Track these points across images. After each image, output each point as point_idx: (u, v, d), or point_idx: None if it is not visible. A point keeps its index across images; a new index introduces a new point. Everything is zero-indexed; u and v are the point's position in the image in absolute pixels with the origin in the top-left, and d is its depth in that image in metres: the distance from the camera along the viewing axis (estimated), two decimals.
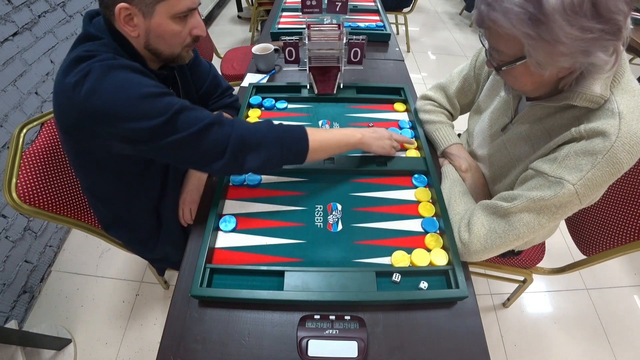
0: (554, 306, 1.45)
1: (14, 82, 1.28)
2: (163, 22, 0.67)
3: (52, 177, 0.86)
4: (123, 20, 0.64)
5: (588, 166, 0.56)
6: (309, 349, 0.57)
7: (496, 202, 0.67)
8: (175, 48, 0.73)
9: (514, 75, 0.62)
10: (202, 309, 0.65)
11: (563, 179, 0.58)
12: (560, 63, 0.53)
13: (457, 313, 0.65)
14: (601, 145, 0.55)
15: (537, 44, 0.51)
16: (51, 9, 1.45)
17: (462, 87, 0.97)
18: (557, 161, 0.60)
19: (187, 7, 0.68)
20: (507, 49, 0.57)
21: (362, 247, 0.73)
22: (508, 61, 0.59)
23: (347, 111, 1.08)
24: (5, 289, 1.28)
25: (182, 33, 0.71)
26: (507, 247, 0.67)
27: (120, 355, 1.27)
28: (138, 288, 1.46)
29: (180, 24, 0.69)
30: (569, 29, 0.48)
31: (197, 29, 0.73)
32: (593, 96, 0.57)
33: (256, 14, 2.92)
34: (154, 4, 0.64)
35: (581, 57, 0.52)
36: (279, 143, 0.70)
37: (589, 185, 0.57)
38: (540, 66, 0.55)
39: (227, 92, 1.04)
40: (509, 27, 0.51)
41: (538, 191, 0.61)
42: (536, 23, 0.49)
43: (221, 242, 0.74)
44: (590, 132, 0.57)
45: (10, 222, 1.29)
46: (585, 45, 0.50)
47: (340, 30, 1.04)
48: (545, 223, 0.63)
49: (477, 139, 0.89)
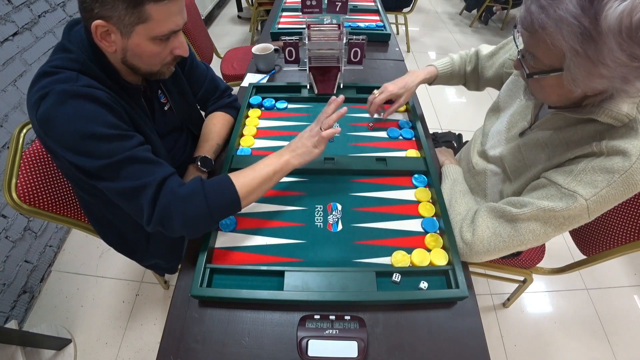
0: (554, 306, 1.45)
1: (14, 82, 1.28)
2: (142, 43, 0.63)
3: (52, 177, 0.86)
4: (99, 36, 0.61)
5: (604, 184, 0.56)
6: (309, 349, 0.57)
7: (504, 207, 0.67)
8: (154, 66, 0.69)
9: (542, 85, 0.60)
10: (202, 309, 0.65)
11: (577, 193, 0.58)
12: (596, 84, 0.52)
13: (457, 313, 0.65)
14: (620, 164, 0.55)
15: (580, 61, 0.49)
16: (51, 9, 1.45)
17: (494, 52, 0.99)
18: (573, 174, 0.59)
19: (170, 30, 0.64)
20: (545, 58, 0.55)
21: (362, 247, 0.73)
22: (542, 70, 0.56)
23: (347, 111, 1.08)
24: (5, 289, 1.28)
25: (161, 53, 0.67)
26: (509, 252, 0.67)
27: (120, 355, 1.27)
28: (138, 288, 1.46)
29: (161, 45, 0.65)
30: (618, 53, 0.46)
31: (179, 50, 0.69)
32: (619, 114, 0.56)
33: (256, 14, 2.92)
34: (133, 25, 0.60)
35: (618, 83, 0.50)
36: (205, 206, 0.64)
37: (601, 202, 0.57)
38: (574, 83, 0.53)
39: (225, 93, 1.04)
40: (557, 38, 0.49)
41: (549, 201, 0.61)
42: (587, 39, 0.47)
43: (221, 242, 0.74)
44: (611, 149, 0.56)
45: (10, 222, 1.29)
46: (627, 73, 0.48)
47: (340, 30, 1.04)
48: (551, 233, 0.63)
49: (492, 139, 0.87)
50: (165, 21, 0.62)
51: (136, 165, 0.62)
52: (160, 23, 0.61)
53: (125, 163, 0.61)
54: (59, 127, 0.59)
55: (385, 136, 1.00)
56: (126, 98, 0.71)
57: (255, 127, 1.01)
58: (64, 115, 0.59)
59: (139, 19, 0.60)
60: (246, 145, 0.95)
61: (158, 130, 0.82)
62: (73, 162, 0.61)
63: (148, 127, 0.75)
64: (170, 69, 0.73)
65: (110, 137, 0.61)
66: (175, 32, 0.65)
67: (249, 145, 0.95)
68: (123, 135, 0.63)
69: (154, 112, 0.82)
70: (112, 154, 0.60)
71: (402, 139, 0.99)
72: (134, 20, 0.60)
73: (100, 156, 0.60)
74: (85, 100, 0.60)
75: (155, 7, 0.59)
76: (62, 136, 0.59)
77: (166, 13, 0.61)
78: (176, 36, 0.67)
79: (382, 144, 0.98)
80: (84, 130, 0.59)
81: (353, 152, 0.95)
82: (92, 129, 0.59)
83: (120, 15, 0.58)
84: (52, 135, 0.60)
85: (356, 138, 0.99)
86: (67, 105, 0.59)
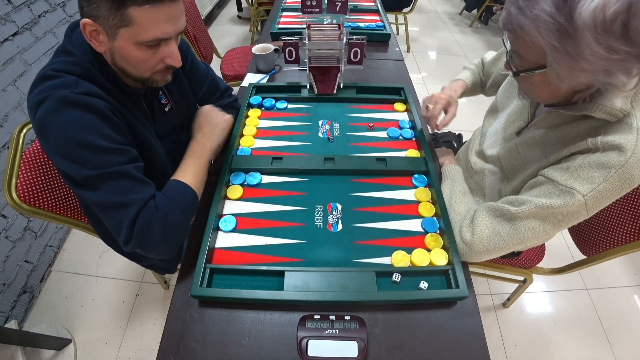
0: (554, 306, 1.45)
1: (14, 82, 1.28)
2: (126, 47, 0.61)
3: (52, 177, 0.86)
4: (89, 35, 0.60)
5: (600, 179, 0.56)
6: (309, 349, 0.57)
7: (503, 206, 0.67)
8: (144, 72, 0.67)
9: (531, 83, 0.62)
10: (202, 309, 0.65)
11: (574, 189, 0.58)
12: (580, 78, 0.53)
13: (457, 313, 0.65)
14: (616, 159, 0.55)
15: (561, 57, 0.51)
16: (51, 9, 1.45)
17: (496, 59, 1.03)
18: (570, 171, 0.60)
19: (154, 37, 0.61)
20: (529, 56, 0.57)
21: (362, 247, 0.73)
22: (528, 68, 0.58)
23: (347, 111, 1.08)
24: (5, 289, 1.28)
25: (149, 60, 0.64)
26: (508, 250, 0.67)
27: (120, 355, 1.27)
28: (138, 288, 1.46)
29: (148, 52, 0.63)
30: (595, 47, 0.47)
31: (170, 59, 0.65)
32: (613, 109, 0.56)
33: (256, 14, 2.92)
34: (117, 27, 0.58)
35: (602, 76, 0.51)
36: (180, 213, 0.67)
37: (599, 198, 0.57)
38: (559, 78, 0.54)
39: (226, 93, 1.04)
40: (535, 35, 0.51)
41: (547, 199, 0.61)
42: (564, 36, 0.48)
43: (221, 242, 0.74)
44: (606, 145, 0.57)
45: (10, 222, 1.29)
46: (608, 65, 0.49)
47: (340, 30, 1.04)
48: (550, 230, 0.63)
49: (490, 139, 0.88)
50: (150, 27, 0.59)
51: (124, 181, 0.62)
52: (144, 28, 0.59)
53: (113, 177, 0.61)
54: (53, 133, 0.59)
55: (385, 136, 1.00)
56: (126, 102, 0.71)
57: (255, 127, 1.01)
58: (60, 122, 0.58)
59: (121, 22, 0.58)
60: (246, 145, 0.95)
61: (158, 131, 0.82)
62: (60, 167, 0.61)
63: (148, 131, 0.75)
64: (166, 78, 0.71)
65: (104, 149, 0.60)
66: (162, 40, 0.62)
67: (249, 145, 0.95)
68: (117, 149, 0.62)
69: (154, 113, 0.82)
70: (102, 165, 0.60)
71: (402, 139, 0.99)
72: (117, 23, 0.58)
73: (90, 166, 0.59)
74: (83, 109, 0.60)
75: (138, 10, 0.57)
76: (55, 141, 0.59)
77: (151, 19, 0.58)
78: (167, 44, 0.64)
79: (382, 144, 0.98)
80: (77, 139, 0.59)
81: (353, 152, 0.95)
82: (86, 138, 0.59)
83: (104, 16, 0.57)
84: (47, 139, 0.60)
85: (356, 138, 0.99)
86: (63, 113, 0.58)
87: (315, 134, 1.00)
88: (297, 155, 0.93)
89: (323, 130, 1.01)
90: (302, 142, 0.97)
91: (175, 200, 0.67)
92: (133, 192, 0.63)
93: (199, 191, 0.73)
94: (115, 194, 0.61)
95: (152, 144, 0.75)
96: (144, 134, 0.73)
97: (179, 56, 0.67)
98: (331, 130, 1.01)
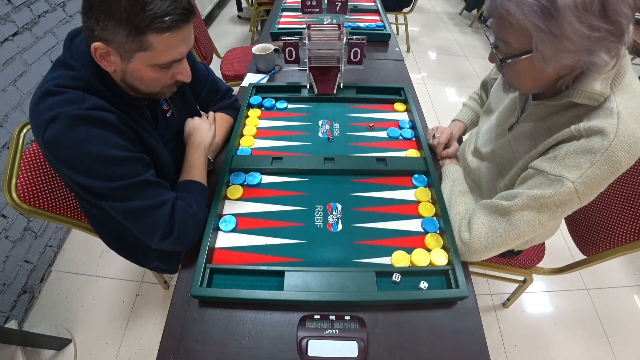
0: (554, 306, 1.45)
1: (14, 82, 1.28)
2: (141, 69, 0.62)
3: (52, 177, 0.86)
4: (99, 56, 0.60)
5: (587, 164, 0.57)
6: (309, 349, 0.57)
7: (496, 201, 0.68)
8: (154, 88, 0.68)
9: (516, 70, 0.63)
10: (202, 309, 0.65)
11: (563, 177, 0.59)
12: (564, 60, 0.54)
13: (457, 313, 0.65)
14: (600, 143, 0.56)
15: (546, 38, 0.53)
16: (51, 9, 1.45)
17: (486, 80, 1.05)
18: (557, 159, 0.61)
19: (172, 60, 0.62)
20: (514, 41, 0.58)
21: (362, 247, 0.73)
22: (514, 54, 0.60)
23: (347, 111, 1.08)
24: (5, 289, 1.28)
25: (162, 79, 0.66)
26: (507, 246, 0.68)
27: (120, 355, 1.27)
28: (138, 288, 1.46)
29: (161, 72, 0.64)
30: (577, 25, 0.50)
31: (182, 75, 0.68)
32: (593, 93, 0.57)
33: (256, 14, 2.92)
34: (133, 52, 0.59)
35: (585, 55, 0.53)
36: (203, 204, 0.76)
37: (589, 183, 0.58)
38: (545, 61, 0.56)
39: (226, 94, 1.04)
40: (521, 18, 0.52)
41: (538, 189, 0.62)
42: (547, 16, 0.51)
43: (221, 242, 0.74)
44: (589, 130, 0.58)
45: (10, 222, 1.29)
46: (590, 44, 0.51)
47: (340, 30, 1.04)
48: (546, 221, 0.63)
49: (483, 137, 0.89)
50: (167, 51, 0.60)
51: (150, 185, 0.66)
52: (162, 53, 0.60)
53: (141, 183, 0.64)
54: (69, 151, 0.59)
55: (385, 136, 1.00)
56: (132, 113, 0.71)
57: (255, 127, 1.01)
58: (75, 141, 0.59)
59: (139, 47, 0.58)
60: (246, 145, 0.95)
61: (161, 136, 0.82)
62: (81, 183, 0.61)
63: (153, 138, 0.76)
64: (172, 90, 0.73)
65: (124, 159, 0.62)
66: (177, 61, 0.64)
67: (249, 145, 0.95)
68: (134, 158, 0.65)
69: (157, 120, 0.83)
70: (127, 175, 0.62)
71: (402, 139, 0.99)
72: (135, 48, 0.58)
73: (115, 178, 0.62)
74: (95, 124, 0.60)
75: (157, 37, 0.58)
76: (72, 160, 0.59)
77: (169, 44, 0.60)
78: (180, 63, 0.66)
79: (382, 144, 0.98)
80: (97, 155, 0.60)
81: (353, 152, 0.95)
82: (105, 152, 0.60)
83: (120, 41, 0.57)
84: (60, 157, 0.60)
85: (356, 138, 0.99)
86: (76, 131, 0.59)
87: (315, 134, 1.00)
88: (297, 155, 0.93)
89: (323, 130, 1.01)
90: (302, 142, 0.97)
91: (195, 195, 0.75)
92: (161, 194, 0.67)
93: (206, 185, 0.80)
94: (146, 198, 0.65)
95: (157, 149, 0.76)
96: (149, 140, 0.74)
97: (189, 72, 0.69)
98: (331, 130, 1.01)
